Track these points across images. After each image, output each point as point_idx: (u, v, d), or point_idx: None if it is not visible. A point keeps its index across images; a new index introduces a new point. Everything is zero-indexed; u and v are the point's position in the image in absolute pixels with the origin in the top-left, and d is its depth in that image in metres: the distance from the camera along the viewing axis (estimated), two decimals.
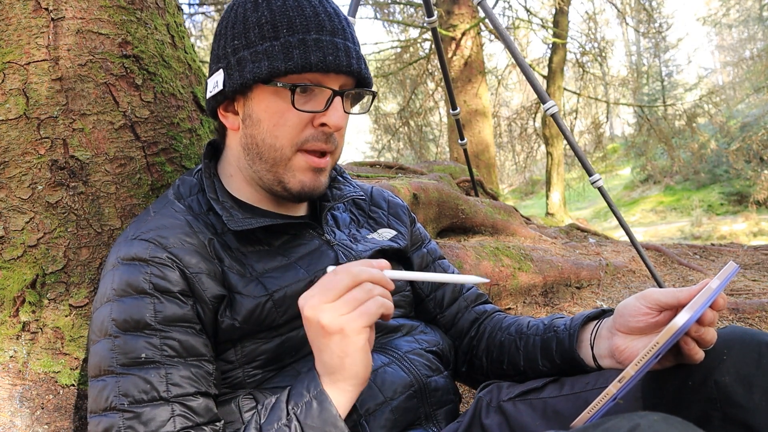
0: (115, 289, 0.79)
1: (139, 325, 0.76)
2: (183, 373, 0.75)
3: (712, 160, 15.19)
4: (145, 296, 0.77)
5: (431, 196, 2.67)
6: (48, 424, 0.95)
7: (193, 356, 0.77)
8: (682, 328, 0.66)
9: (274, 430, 0.70)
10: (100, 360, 0.76)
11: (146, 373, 0.74)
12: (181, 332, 0.77)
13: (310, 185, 0.87)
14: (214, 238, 0.85)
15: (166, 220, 0.85)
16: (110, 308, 0.78)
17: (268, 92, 0.84)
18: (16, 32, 0.96)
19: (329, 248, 0.93)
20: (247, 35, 0.84)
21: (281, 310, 0.84)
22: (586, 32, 10.36)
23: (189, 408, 0.74)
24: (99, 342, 0.78)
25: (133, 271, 0.79)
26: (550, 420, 0.86)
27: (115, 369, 0.75)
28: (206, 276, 0.81)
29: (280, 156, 0.85)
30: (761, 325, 2.02)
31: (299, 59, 0.80)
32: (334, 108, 0.83)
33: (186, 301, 0.79)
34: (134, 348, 0.75)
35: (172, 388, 0.74)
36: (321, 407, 0.70)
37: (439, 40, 2.67)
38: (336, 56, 0.82)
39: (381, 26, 28.05)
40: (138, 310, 0.76)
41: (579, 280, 2.48)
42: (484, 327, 1.08)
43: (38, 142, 0.97)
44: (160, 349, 0.75)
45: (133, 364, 0.74)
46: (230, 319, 0.81)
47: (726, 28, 23.34)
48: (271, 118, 0.84)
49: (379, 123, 11.00)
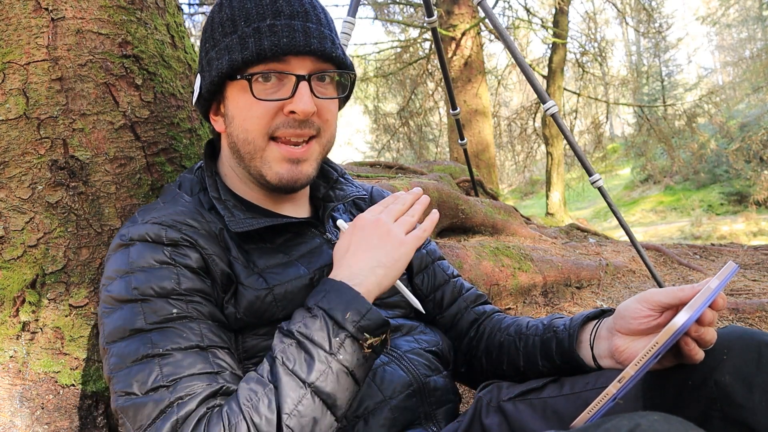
0: (132, 262, 0.78)
1: (164, 291, 0.76)
2: (213, 330, 0.77)
3: (712, 160, 15.19)
4: (170, 266, 0.78)
5: (431, 196, 2.67)
6: (48, 424, 0.95)
7: (217, 321, 0.79)
8: (682, 328, 0.66)
9: (300, 323, 0.72)
10: (123, 323, 0.74)
11: (181, 325, 0.74)
12: (203, 302, 0.78)
13: (287, 176, 0.86)
14: (224, 228, 0.87)
15: (178, 208, 0.86)
16: (128, 280, 0.76)
17: (236, 88, 0.84)
18: (16, 32, 0.96)
19: (330, 247, 0.93)
20: (213, 36, 0.86)
21: (281, 305, 0.85)
22: (586, 32, 10.36)
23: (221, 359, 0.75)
24: (116, 311, 0.76)
25: (152, 248, 0.79)
26: (550, 420, 0.86)
27: (144, 327, 0.73)
28: (219, 259, 0.82)
29: (253, 149, 0.85)
30: (761, 325, 2.02)
31: (254, 47, 0.80)
32: (299, 94, 0.81)
33: (206, 278, 0.80)
34: (163, 307, 0.74)
35: (206, 338, 0.75)
36: (340, 291, 0.73)
37: (439, 40, 2.67)
38: (292, 38, 0.80)
39: (381, 26, 28.08)
40: (162, 280, 0.76)
41: (579, 280, 2.48)
42: (483, 327, 1.07)
43: (38, 142, 0.97)
44: (188, 309, 0.76)
45: (165, 320, 0.74)
46: (233, 307, 0.82)
47: (726, 28, 23.34)
48: (241, 113, 0.84)
49: (378, 123, 11.00)
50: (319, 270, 0.89)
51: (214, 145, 0.98)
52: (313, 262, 0.90)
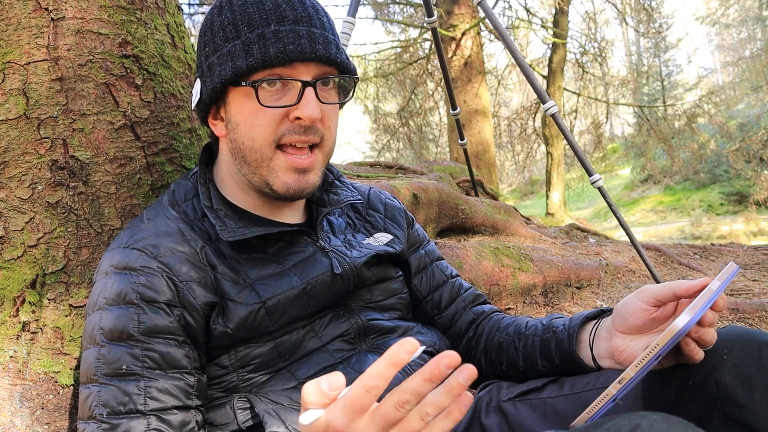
0: (105, 298, 0.79)
1: (122, 336, 0.76)
2: (162, 386, 0.75)
3: (712, 160, 15.19)
4: (131, 306, 0.77)
5: (431, 196, 2.67)
6: (48, 424, 0.95)
7: (174, 368, 0.77)
8: (683, 330, 0.66)
9: None
10: (87, 367, 0.78)
11: (126, 385, 0.74)
12: (163, 344, 0.77)
13: (295, 186, 0.85)
14: (206, 245, 0.85)
15: (159, 228, 0.84)
16: (100, 316, 0.78)
17: (240, 94, 0.83)
18: (16, 32, 0.96)
19: (324, 255, 0.92)
20: (214, 40, 0.84)
21: (274, 318, 0.84)
22: (586, 32, 10.36)
23: (165, 422, 0.74)
24: (88, 349, 0.79)
25: (123, 280, 0.79)
26: (550, 420, 0.86)
27: (99, 378, 0.75)
28: (196, 284, 0.80)
29: (260, 157, 0.84)
30: (761, 325, 2.02)
31: (258, 54, 0.79)
32: (306, 100, 0.81)
33: (170, 312, 0.78)
34: (117, 358, 0.75)
35: (149, 401, 0.74)
36: None
37: (439, 40, 2.67)
38: (297, 44, 0.80)
39: (381, 26, 28.06)
40: (123, 321, 0.77)
41: (579, 280, 2.48)
42: (482, 328, 1.07)
43: (38, 142, 0.97)
44: (141, 360, 0.76)
45: (115, 374, 0.75)
46: (222, 326, 0.81)
47: (726, 28, 23.34)
48: (246, 120, 0.83)
49: (378, 123, 10.99)
50: (312, 279, 0.88)
51: (211, 150, 0.97)
52: (306, 271, 0.88)
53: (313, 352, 0.88)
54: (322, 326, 0.90)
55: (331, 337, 0.90)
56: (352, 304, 0.95)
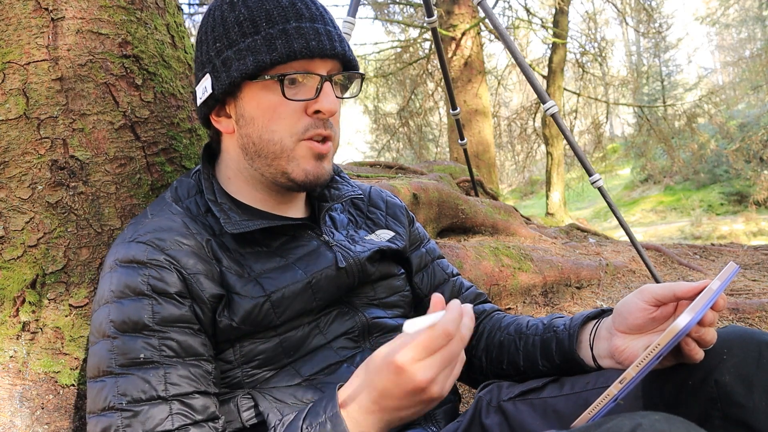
0: (113, 291, 0.79)
1: (137, 327, 0.76)
2: (181, 373, 0.75)
3: (712, 160, 15.19)
4: (143, 297, 0.77)
5: (431, 196, 2.67)
6: (48, 424, 0.95)
7: (192, 356, 0.78)
8: (684, 330, 0.66)
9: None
10: (98, 361, 0.77)
11: (145, 373, 0.74)
12: (179, 332, 0.77)
13: (313, 173, 0.87)
14: (211, 239, 0.85)
15: (164, 222, 0.85)
16: (108, 310, 0.78)
17: (257, 88, 0.84)
18: (16, 32, 0.96)
19: (328, 249, 0.93)
20: (228, 35, 0.84)
21: (279, 311, 0.84)
22: (586, 32, 10.36)
23: (187, 406, 0.74)
24: (98, 343, 0.78)
25: (131, 273, 0.79)
26: (550, 420, 0.86)
27: (114, 369, 0.75)
28: (204, 277, 0.81)
29: (280, 149, 0.85)
30: (761, 325, 2.02)
31: (283, 49, 0.81)
32: (325, 93, 0.84)
33: (183, 302, 0.79)
34: (133, 348, 0.75)
35: (170, 387, 0.74)
36: (334, 429, 0.68)
37: (439, 40, 2.67)
38: (319, 41, 0.83)
39: (381, 26, 28.11)
40: (136, 312, 0.76)
41: (579, 280, 2.48)
42: (483, 326, 1.07)
43: (38, 142, 0.97)
44: (159, 349, 0.76)
45: (132, 364, 0.75)
46: (228, 319, 0.81)
47: (725, 28, 23.35)
48: (264, 114, 0.84)
49: (378, 123, 11.00)
50: (317, 273, 0.89)
51: (211, 149, 0.97)
52: (310, 265, 0.89)
53: (318, 350, 0.88)
54: (327, 323, 0.91)
55: (336, 335, 0.91)
56: (356, 302, 0.95)
